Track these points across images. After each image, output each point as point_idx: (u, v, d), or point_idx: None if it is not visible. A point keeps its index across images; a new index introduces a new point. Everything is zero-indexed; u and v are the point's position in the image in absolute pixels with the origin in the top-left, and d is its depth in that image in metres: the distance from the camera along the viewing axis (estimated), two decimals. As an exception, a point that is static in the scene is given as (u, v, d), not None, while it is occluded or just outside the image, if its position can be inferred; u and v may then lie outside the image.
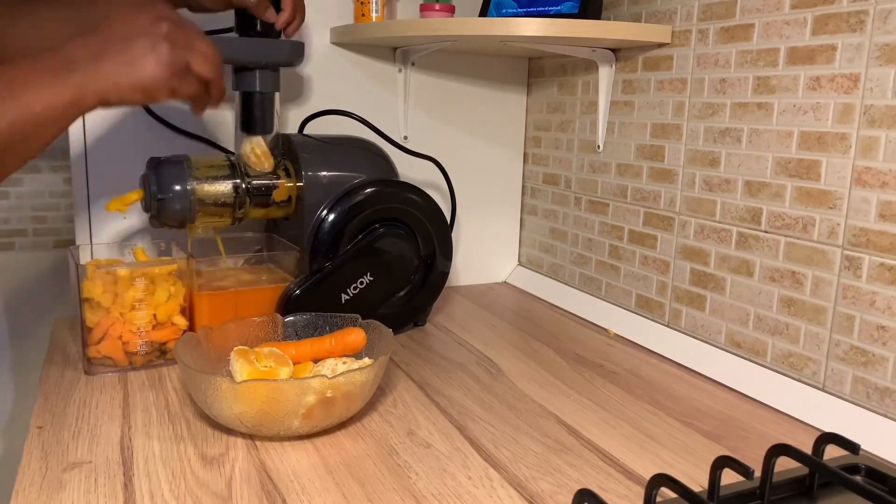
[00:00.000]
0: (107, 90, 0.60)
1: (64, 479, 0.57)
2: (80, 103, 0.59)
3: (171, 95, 0.64)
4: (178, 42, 0.64)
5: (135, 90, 0.61)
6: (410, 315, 0.96)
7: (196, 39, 0.66)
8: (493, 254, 1.23)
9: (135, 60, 0.61)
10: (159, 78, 0.62)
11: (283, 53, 0.86)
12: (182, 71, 0.64)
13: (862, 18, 0.68)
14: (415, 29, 0.91)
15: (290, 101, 1.03)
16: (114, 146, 0.94)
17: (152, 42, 0.62)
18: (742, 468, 0.50)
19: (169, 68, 0.62)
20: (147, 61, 0.61)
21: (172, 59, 0.63)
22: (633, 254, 0.99)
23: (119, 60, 0.61)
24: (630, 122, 0.98)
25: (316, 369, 0.71)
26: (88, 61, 0.60)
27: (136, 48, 0.62)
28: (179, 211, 0.82)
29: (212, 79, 0.67)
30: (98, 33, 0.62)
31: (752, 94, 0.80)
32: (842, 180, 0.71)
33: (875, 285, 0.68)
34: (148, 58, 0.61)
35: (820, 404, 0.72)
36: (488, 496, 0.57)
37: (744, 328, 0.82)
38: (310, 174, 0.87)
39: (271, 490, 0.57)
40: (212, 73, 0.66)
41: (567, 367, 0.85)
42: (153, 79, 0.62)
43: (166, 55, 0.62)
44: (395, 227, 0.89)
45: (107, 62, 0.60)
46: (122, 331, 0.78)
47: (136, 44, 0.62)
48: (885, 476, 0.59)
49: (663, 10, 0.91)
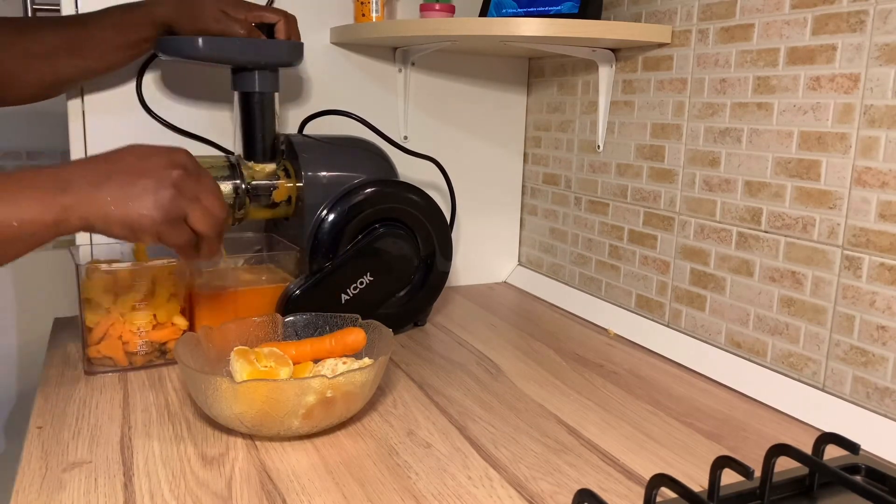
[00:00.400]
0: (93, 218, 0.58)
1: (64, 479, 0.57)
2: (60, 225, 0.57)
3: (158, 240, 0.61)
4: (184, 192, 0.62)
5: (122, 225, 0.59)
6: (410, 315, 0.96)
7: (205, 193, 0.64)
8: (493, 254, 1.23)
9: (132, 197, 0.59)
10: (150, 220, 0.59)
11: (283, 53, 0.86)
12: (176, 220, 0.61)
13: (862, 18, 0.68)
14: (415, 29, 0.91)
15: (290, 101, 1.03)
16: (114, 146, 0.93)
17: (156, 184, 0.61)
18: (742, 468, 0.50)
19: (164, 214, 0.60)
20: (144, 201, 0.59)
21: (170, 207, 0.61)
22: (633, 254, 0.99)
23: (116, 193, 0.59)
24: (630, 122, 0.98)
25: (316, 369, 0.71)
26: (85, 185, 0.59)
27: (138, 185, 0.60)
28: (179, 211, 0.82)
29: (206, 236, 0.64)
30: (106, 160, 0.61)
31: (752, 94, 0.80)
32: (842, 180, 0.71)
33: (875, 285, 0.68)
34: (146, 198, 0.60)
35: (820, 404, 0.72)
36: (488, 496, 0.57)
37: (744, 328, 0.82)
38: (310, 174, 0.87)
39: (271, 490, 0.57)
40: (208, 230, 0.64)
41: (567, 367, 0.85)
42: (143, 219, 0.59)
43: (166, 201, 0.60)
44: (395, 227, 0.89)
45: (103, 191, 0.59)
46: (123, 331, 0.78)
47: (140, 181, 0.60)
48: (885, 476, 0.59)
49: (663, 10, 0.91)
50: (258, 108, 0.87)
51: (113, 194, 0.59)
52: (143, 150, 0.63)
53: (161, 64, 0.94)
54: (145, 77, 0.94)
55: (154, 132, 0.95)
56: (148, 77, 0.94)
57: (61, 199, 0.57)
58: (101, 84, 0.92)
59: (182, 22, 0.83)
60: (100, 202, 0.58)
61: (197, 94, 0.97)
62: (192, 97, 0.97)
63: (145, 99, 0.94)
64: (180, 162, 0.63)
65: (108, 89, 0.92)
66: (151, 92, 0.95)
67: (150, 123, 0.95)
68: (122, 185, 0.60)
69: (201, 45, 0.81)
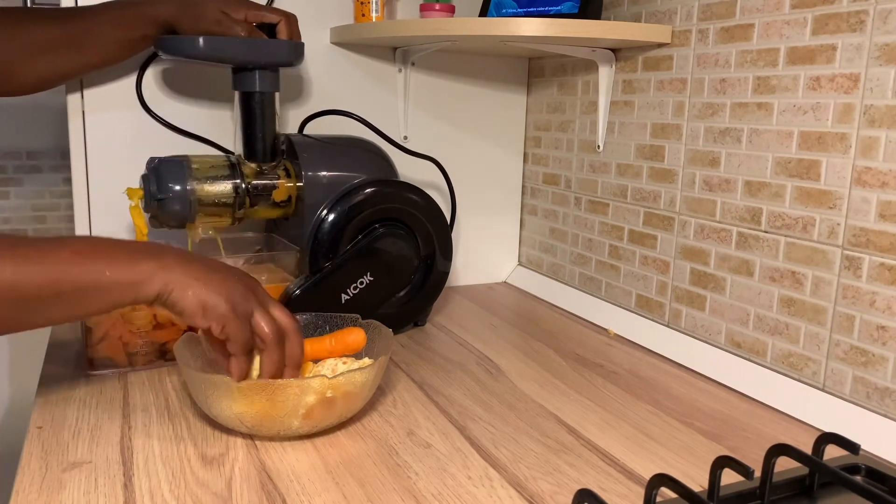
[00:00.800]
0: (173, 286, 0.60)
1: (64, 479, 0.57)
2: (142, 285, 0.59)
3: (220, 329, 0.61)
4: (257, 294, 0.64)
5: (196, 302, 0.60)
6: (410, 315, 0.96)
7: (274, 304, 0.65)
8: (493, 254, 1.23)
9: (214, 280, 0.61)
10: (223, 305, 0.60)
11: (283, 53, 0.86)
12: (243, 315, 0.62)
13: (862, 18, 0.68)
14: (415, 29, 0.91)
15: (290, 101, 1.03)
16: (114, 146, 0.94)
17: (236, 278, 0.63)
18: (742, 468, 0.50)
19: (233, 305, 0.61)
20: (222, 286, 0.61)
21: (242, 301, 0.62)
22: (633, 254, 0.99)
23: (201, 272, 0.61)
24: (630, 122, 0.98)
25: (316, 369, 0.71)
26: (176, 259, 0.61)
27: (220, 273, 0.63)
28: (179, 211, 0.82)
29: (267, 341, 0.63)
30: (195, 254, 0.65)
31: (752, 94, 0.80)
32: (842, 180, 0.71)
33: (875, 285, 0.68)
34: (225, 284, 0.62)
35: (820, 404, 0.72)
36: (488, 496, 0.57)
37: (744, 328, 0.82)
38: (310, 174, 0.87)
39: (271, 490, 0.57)
40: (269, 334, 0.63)
41: (567, 367, 0.85)
42: (217, 302, 0.60)
43: (239, 294, 0.62)
44: (395, 227, 0.89)
45: (191, 267, 0.61)
46: (123, 331, 0.78)
47: (223, 271, 0.63)
48: (885, 476, 0.59)
49: (663, 10, 0.91)
50: (258, 108, 0.87)
51: (198, 273, 0.61)
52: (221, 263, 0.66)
53: (161, 64, 0.94)
54: (145, 77, 0.94)
55: (154, 132, 0.95)
56: (148, 77, 0.94)
57: (151, 262, 0.60)
58: (102, 84, 0.92)
59: (183, 21, 0.83)
60: (185, 275, 0.60)
61: (197, 94, 0.97)
62: (192, 97, 0.97)
63: (145, 99, 0.94)
64: (253, 279, 0.66)
65: (108, 90, 0.92)
66: (151, 92, 0.95)
67: (150, 123, 0.95)
68: (208, 269, 0.62)
69: (202, 45, 0.81)
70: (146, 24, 0.83)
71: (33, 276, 0.55)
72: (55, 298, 0.56)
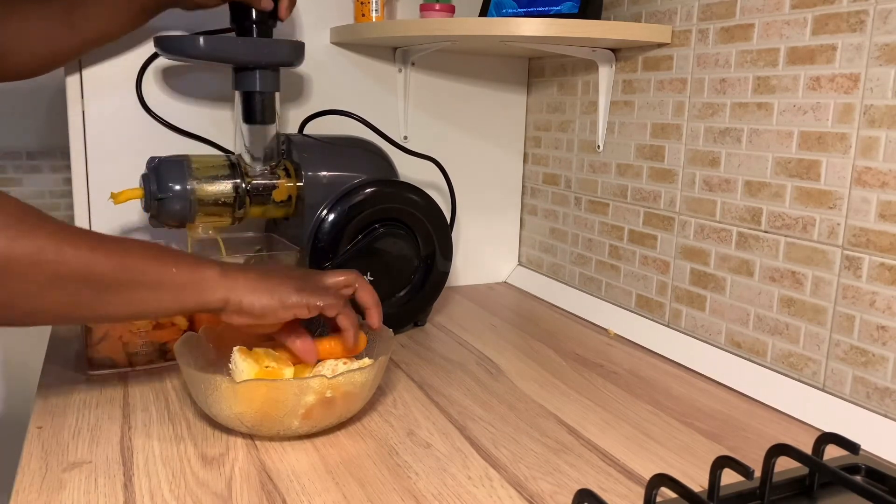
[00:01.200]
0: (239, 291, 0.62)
1: (64, 479, 0.57)
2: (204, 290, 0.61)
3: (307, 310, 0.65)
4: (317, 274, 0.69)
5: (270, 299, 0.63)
6: (410, 315, 0.95)
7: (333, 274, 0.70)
8: (493, 254, 1.23)
9: (275, 278, 0.65)
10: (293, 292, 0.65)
11: (283, 53, 0.86)
12: (316, 289, 0.67)
13: (862, 18, 0.68)
14: (415, 29, 0.91)
15: (290, 101, 1.03)
16: (114, 146, 0.94)
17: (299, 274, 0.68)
18: (742, 468, 0.50)
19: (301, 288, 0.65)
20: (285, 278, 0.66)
21: (306, 282, 0.67)
22: (633, 254, 0.99)
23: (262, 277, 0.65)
24: (630, 122, 0.98)
25: (316, 369, 0.71)
26: (231, 266, 0.64)
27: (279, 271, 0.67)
28: (179, 211, 0.82)
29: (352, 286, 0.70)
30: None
31: (752, 94, 0.80)
32: (842, 180, 0.71)
33: (875, 285, 0.68)
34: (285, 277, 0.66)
35: (820, 404, 0.72)
36: (488, 496, 0.57)
37: (744, 328, 0.82)
38: (310, 174, 0.87)
39: (271, 490, 0.57)
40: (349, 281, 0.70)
41: (567, 367, 0.85)
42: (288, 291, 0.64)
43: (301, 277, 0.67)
44: (395, 227, 0.89)
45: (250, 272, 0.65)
46: (123, 331, 0.78)
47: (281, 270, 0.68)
48: (885, 476, 0.59)
49: (663, 10, 0.91)
50: (258, 108, 0.87)
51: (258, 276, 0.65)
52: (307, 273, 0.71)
53: (161, 64, 0.94)
54: (145, 77, 0.94)
55: (154, 132, 0.95)
56: (148, 77, 0.94)
57: (214, 269, 0.62)
58: (102, 84, 0.92)
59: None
60: (247, 279, 0.63)
61: (197, 94, 0.97)
62: (192, 97, 0.97)
63: (145, 99, 0.94)
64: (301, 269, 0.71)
65: (108, 90, 0.92)
66: (151, 92, 0.95)
67: (150, 123, 0.95)
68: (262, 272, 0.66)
69: (202, 45, 0.81)
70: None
71: (107, 261, 0.56)
72: (124, 288, 0.57)
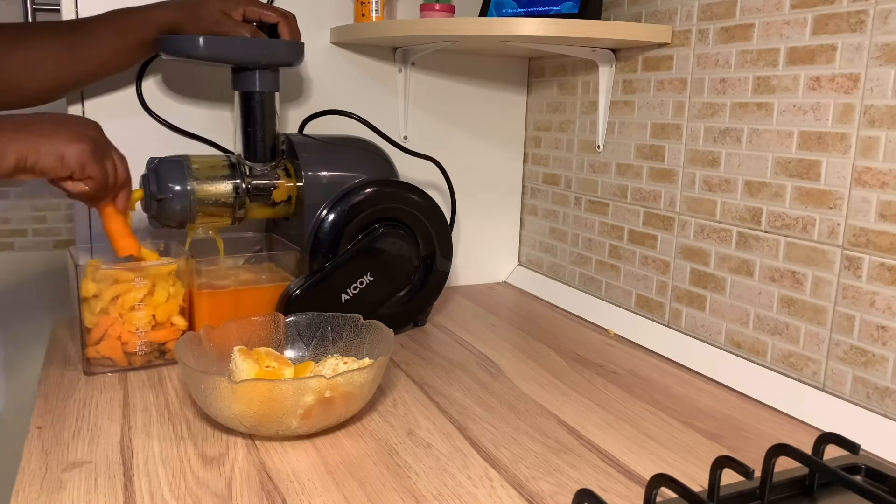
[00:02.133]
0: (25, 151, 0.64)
1: (64, 479, 0.57)
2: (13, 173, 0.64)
3: (81, 171, 0.68)
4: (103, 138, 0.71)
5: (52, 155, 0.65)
6: (410, 315, 0.95)
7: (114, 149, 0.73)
8: (493, 254, 1.23)
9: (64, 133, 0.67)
10: (79, 147, 0.67)
11: (283, 53, 0.86)
12: (102, 156, 0.70)
13: (862, 18, 0.68)
14: (415, 29, 0.91)
15: (290, 101, 1.03)
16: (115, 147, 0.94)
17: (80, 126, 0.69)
18: (742, 468, 0.50)
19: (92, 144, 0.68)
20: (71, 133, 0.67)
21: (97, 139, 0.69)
22: (633, 254, 0.99)
23: (46, 128, 0.66)
24: (630, 122, 0.98)
25: (316, 369, 0.71)
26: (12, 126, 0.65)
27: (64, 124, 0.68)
28: (179, 211, 0.82)
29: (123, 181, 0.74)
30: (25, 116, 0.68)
31: (752, 94, 0.80)
32: (842, 180, 0.71)
33: (875, 285, 0.68)
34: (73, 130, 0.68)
35: (820, 404, 0.72)
36: (488, 496, 0.57)
37: (744, 328, 0.82)
38: (310, 174, 0.87)
39: (271, 490, 0.57)
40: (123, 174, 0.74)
41: (567, 367, 0.85)
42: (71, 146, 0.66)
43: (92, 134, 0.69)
44: (395, 227, 0.89)
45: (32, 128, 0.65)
46: (121, 331, 0.78)
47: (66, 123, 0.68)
48: (885, 476, 0.59)
49: (663, 10, 0.91)
50: (258, 108, 0.87)
51: (48, 130, 0.66)
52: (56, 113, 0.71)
53: (161, 64, 0.94)
54: (145, 77, 0.94)
55: (154, 132, 0.95)
56: (148, 77, 0.94)
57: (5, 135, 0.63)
58: (102, 84, 0.92)
59: (183, 24, 0.83)
60: (37, 136, 0.65)
61: (197, 94, 0.97)
62: (192, 97, 0.97)
63: (145, 99, 0.94)
64: (92, 123, 0.72)
65: (108, 90, 0.92)
66: (152, 92, 0.95)
67: (150, 123, 0.95)
68: (56, 124, 0.67)
69: (202, 45, 0.81)
70: (147, 29, 0.83)
71: None
72: None
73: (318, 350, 0.78)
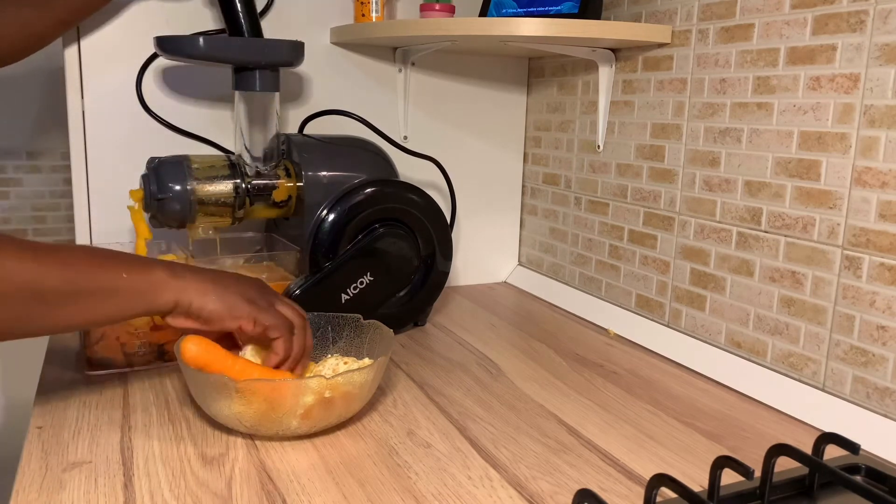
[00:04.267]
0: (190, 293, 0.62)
1: (64, 479, 0.57)
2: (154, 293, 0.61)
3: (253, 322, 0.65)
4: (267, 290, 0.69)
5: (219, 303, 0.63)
6: (410, 315, 0.95)
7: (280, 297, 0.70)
8: (493, 254, 1.23)
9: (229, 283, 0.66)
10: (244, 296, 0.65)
11: (283, 53, 0.86)
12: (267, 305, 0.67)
13: (862, 18, 0.68)
14: (415, 29, 0.91)
15: (290, 101, 1.03)
16: (114, 146, 0.94)
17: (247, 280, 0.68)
18: (742, 468, 0.50)
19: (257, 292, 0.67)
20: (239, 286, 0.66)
21: (259, 293, 0.67)
22: (633, 254, 0.99)
23: (215, 277, 0.65)
24: (630, 122, 0.98)
25: (317, 369, 0.71)
26: (185, 268, 0.64)
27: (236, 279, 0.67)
28: (179, 211, 0.82)
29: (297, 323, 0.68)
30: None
31: (752, 94, 0.80)
32: (842, 180, 0.71)
33: (875, 285, 0.68)
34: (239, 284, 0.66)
35: (820, 404, 0.72)
36: (488, 496, 0.57)
37: (744, 328, 0.82)
38: (310, 174, 0.87)
39: (271, 490, 0.57)
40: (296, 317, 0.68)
41: (567, 367, 0.85)
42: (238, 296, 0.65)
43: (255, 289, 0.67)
44: (395, 227, 0.89)
45: (205, 275, 0.64)
46: (120, 332, 0.78)
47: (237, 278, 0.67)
48: (885, 476, 0.59)
49: (663, 10, 0.91)
50: (258, 108, 0.87)
51: (211, 279, 0.65)
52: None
53: (161, 64, 0.94)
54: (145, 77, 0.94)
55: (154, 132, 0.95)
56: (148, 77, 0.94)
57: (164, 271, 0.62)
58: (102, 84, 0.92)
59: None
60: (199, 282, 0.63)
61: (197, 94, 0.97)
62: (192, 97, 0.97)
63: (145, 99, 0.94)
64: (259, 280, 0.70)
65: (108, 90, 0.92)
66: (151, 92, 0.95)
67: (150, 123, 0.95)
68: (217, 275, 0.66)
69: (202, 45, 0.81)
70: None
71: (53, 273, 0.56)
72: (72, 298, 0.57)
73: (318, 350, 0.78)
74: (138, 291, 0.60)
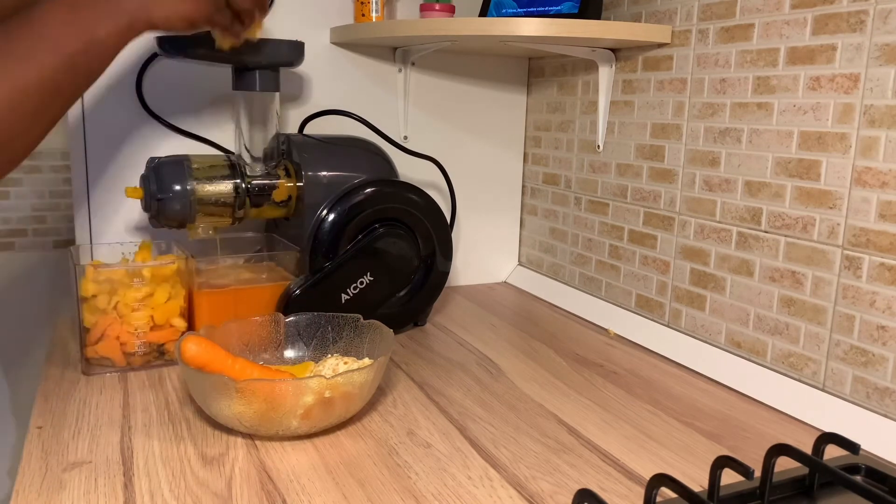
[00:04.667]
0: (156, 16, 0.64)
1: (64, 479, 0.57)
2: (132, 29, 0.62)
3: (209, 22, 0.70)
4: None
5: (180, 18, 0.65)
6: (410, 315, 0.96)
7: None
8: (493, 254, 1.23)
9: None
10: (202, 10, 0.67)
11: (283, 53, 0.86)
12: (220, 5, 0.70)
13: (862, 18, 0.68)
14: (415, 29, 0.91)
15: (290, 101, 1.03)
16: (114, 146, 0.94)
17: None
18: (742, 468, 0.50)
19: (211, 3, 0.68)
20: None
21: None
22: (633, 254, 0.99)
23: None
24: (630, 122, 0.98)
25: (316, 369, 0.71)
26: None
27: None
28: (179, 211, 0.82)
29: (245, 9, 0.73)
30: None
31: (752, 94, 0.80)
32: (842, 180, 0.71)
33: (875, 285, 0.68)
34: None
35: (820, 404, 0.72)
36: (488, 496, 0.57)
37: (744, 328, 0.82)
38: (310, 174, 0.87)
39: (271, 490, 0.57)
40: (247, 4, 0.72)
41: (567, 367, 0.85)
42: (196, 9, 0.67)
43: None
44: (395, 227, 0.89)
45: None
46: (120, 331, 0.78)
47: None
48: (885, 476, 0.59)
49: (663, 10, 0.91)
50: (258, 108, 0.87)
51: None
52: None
53: (161, 64, 0.94)
54: (145, 77, 0.94)
55: (154, 132, 0.95)
56: (148, 77, 0.94)
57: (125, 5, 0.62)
58: (101, 84, 0.92)
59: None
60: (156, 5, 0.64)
61: (197, 94, 0.97)
62: (192, 97, 0.97)
63: (145, 99, 0.94)
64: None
65: (108, 90, 0.92)
66: (151, 92, 0.95)
67: (150, 123, 0.95)
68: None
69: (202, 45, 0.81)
70: None
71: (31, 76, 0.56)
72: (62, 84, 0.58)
73: (318, 350, 0.78)
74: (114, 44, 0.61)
